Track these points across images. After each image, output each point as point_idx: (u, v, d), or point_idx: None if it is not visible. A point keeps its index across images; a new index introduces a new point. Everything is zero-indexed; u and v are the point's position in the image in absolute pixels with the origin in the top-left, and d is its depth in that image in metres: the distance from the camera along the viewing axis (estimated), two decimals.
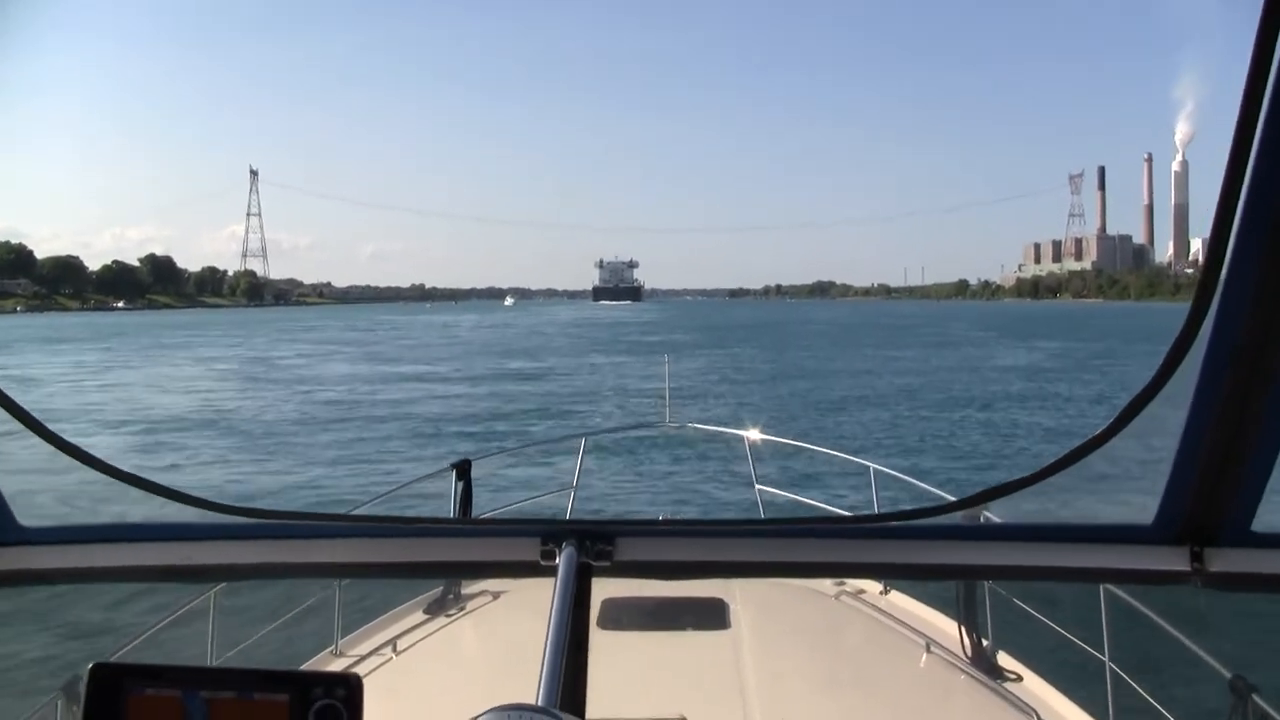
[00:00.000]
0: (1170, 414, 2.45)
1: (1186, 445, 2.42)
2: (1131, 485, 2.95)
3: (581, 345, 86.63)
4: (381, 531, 3.01)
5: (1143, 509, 2.61)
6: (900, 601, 6.49)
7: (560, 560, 2.64)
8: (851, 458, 8.95)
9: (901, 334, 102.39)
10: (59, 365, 62.59)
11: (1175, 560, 2.56)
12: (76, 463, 2.89)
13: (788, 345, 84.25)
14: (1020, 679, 5.46)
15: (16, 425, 2.73)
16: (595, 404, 42.90)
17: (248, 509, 3.18)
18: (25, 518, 2.80)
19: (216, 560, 2.92)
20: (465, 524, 4.30)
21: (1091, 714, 5.07)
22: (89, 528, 2.92)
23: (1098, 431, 2.58)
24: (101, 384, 52.90)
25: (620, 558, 2.72)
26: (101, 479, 2.93)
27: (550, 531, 2.75)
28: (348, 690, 1.88)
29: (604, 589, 5.75)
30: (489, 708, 1.85)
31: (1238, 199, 2.03)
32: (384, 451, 30.97)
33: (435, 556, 2.97)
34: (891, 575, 5.49)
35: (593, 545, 2.69)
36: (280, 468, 28.42)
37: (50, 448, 2.81)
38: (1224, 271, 2.14)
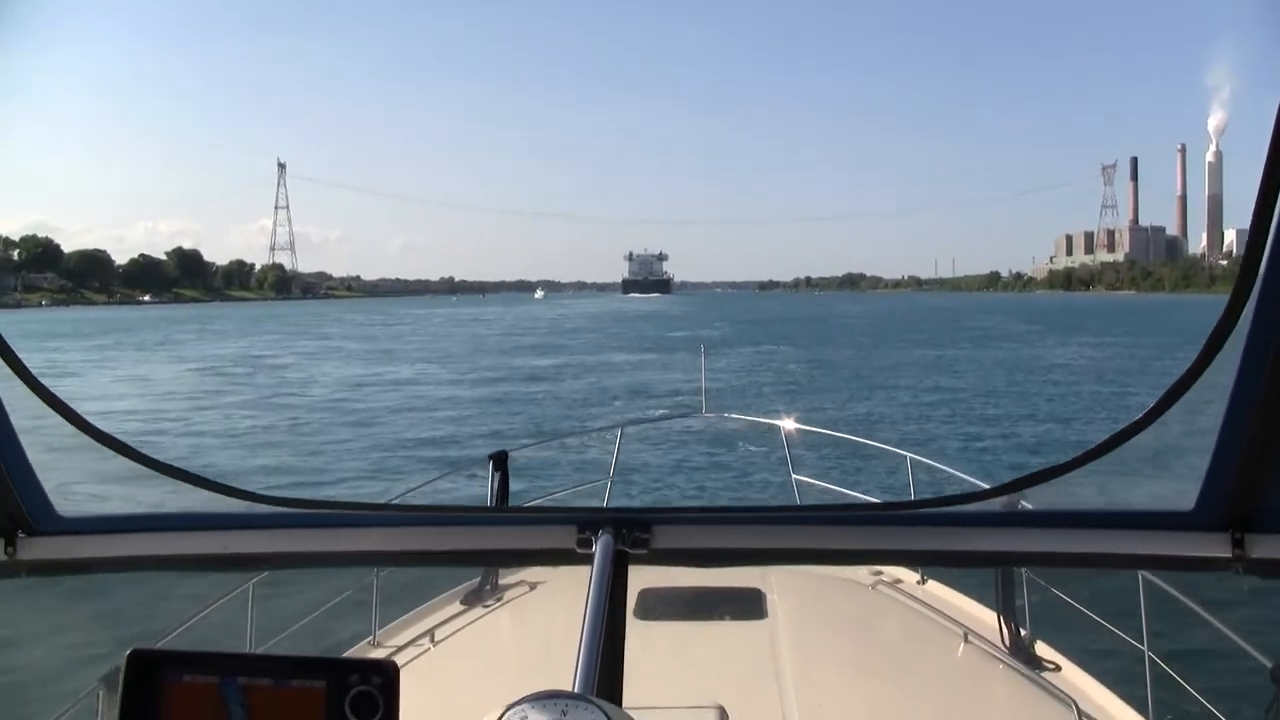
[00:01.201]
0: (1211, 400, 2.44)
1: (1228, 431, 2.41)
2: (1172, 472, 2.93)
3: (602, 342, 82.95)
4: (418, 520, 3.04)
5: (1183, 496, 2.60)
6: (937, 591, 6.47)
7: (597, 548, 2.66)
8: (888, 447, 8.94)
9: (942, 328, 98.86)
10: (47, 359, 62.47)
11: (1216, 546, 2.55)
12: (113, 453, 2.92)
13: (825, 341, 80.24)
14: (1059, 669, 5.42)
15: (53, 415, 2.77)
16: (621, 404, 42.23)
17: (285, 499, 3.22)
18: (64, 508, 2.84)
19: (255, 549, 2.96)
20: (501, 512, 4.32)
21: (1130, 704, 5.04)
22: (128, 517, 2.96)
23: (1137, 418, 2.57)
24: (108, 376, 53.20)
25: (657, 545, 2.74)
26: (139, 469, 2.97)
27: (587, 519, 2.76)
28: (384, 678, 1.89)
29: (641, 578, 5.77)
30: (524, 695, 1.88)
31: (1279, 185, 2.02)
32: (411, 447, 31.06)
33: (472, 545, 3.00)
34: (927, 562, 5.46)
35: (629, 533, 2.71)
36: (301, 462, 28.64)
37: (87, 438, 2.86)
38: (1265, 256, 2.13)
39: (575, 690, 2.14)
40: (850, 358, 62.46)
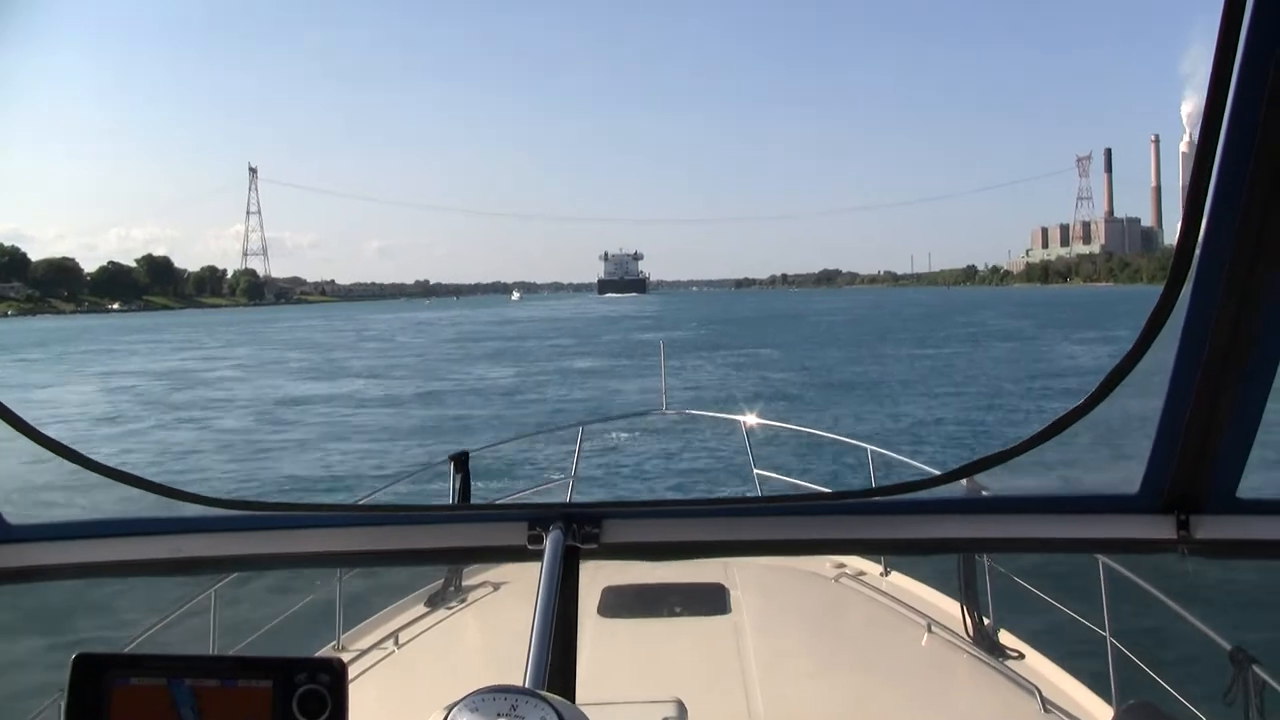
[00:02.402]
0: (1152, 383, 2.45)
1: (1169, 414, 2.43)
2: (1122, 454, 2.94)
3: (568, 349, 73.75)
4: (377, 520, 3.03)
5: (1129, 480, 2.62)
6: (900, 582, 6.50)
7: (547, 543, 2.66)
8: (849, 440, 8.94)
9: (927, 325, 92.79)
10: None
11: (1162, 529, 2.58)
12: (64, 460, 2.89)
13: (805, 343, 73.09)
14: (1022, 656, 5.46)
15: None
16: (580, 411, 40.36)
17: (239, 501, 3.19)
18: (14, 516, 2.81)
19: (210, 553, 2.93)
20: (458, 510, 4.32)
21: (1093, 689, 5.07)
22: (77, 524, 2.92)
23: (1080, 402, 2.58)
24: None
25: (607, 540, 2.74)
26: (91, 476, 2.93)
27: (538, 516, 2.77)
28: (331, 675, 1.87)
29: (604, 575, 5.79)
30: (477, 688, 1.87)
31: (1210, 171, 2.07)
32: (375, 449, 30.87)
33: (430, 543, 2.98)
34: (889, 550, 5.49)
35: (580, 528, 2.71)
36: (258, 466, 28.39)
37: (36, 446, 2.82)
38: (1200, 240, 2.15)
39: (526, 685, 2.13)
40: (831, 361, 57.60)
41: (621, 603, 5.45)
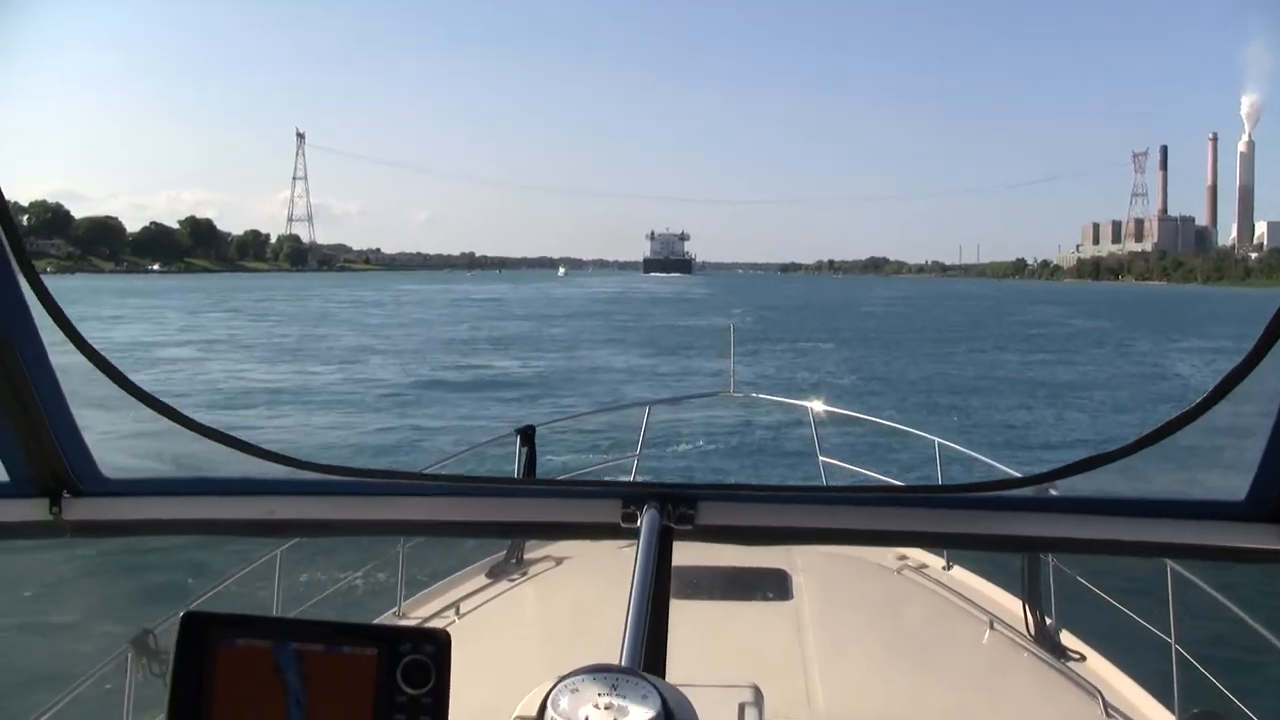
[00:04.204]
0: (1263, 393, 2.41)
1: None
2: (1220, 463, 2.89)
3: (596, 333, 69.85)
4: (458, 491, 3.04)
5: (1229, 488, 2.57)
6: (963, 577, 6.45)
7: (643, 522, 2.65)
8: (917, 432, 8.86)
9: (992, 321, 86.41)
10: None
11: (1267, 538, 2.52)
12: (157, 415, 2.94)
13: (866, 340, 66.75)
14: (1084, 658, 5.40)
15: (98, 376, 2.79)
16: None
17: (322, 465, 3.22)
18: (108, 469, 2.86)
19: (295, 515, 2.96)
20: (542, 484, 4.32)
21: (1156, 696, 5.02)
22: (171, 480, 2.98)
23: (1189, 407, 2.54)
24: None
25: (701, 522, 2.72)
26: (178, 431, 2.98)
27: (632, 494, 2.76)
28: (436, 646, 1.87)
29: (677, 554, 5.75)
30: (578, 667, 1.87)
31: None
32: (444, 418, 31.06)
33: (511, 516, 2.99)
34: (957, 545, 5.44)
35: (674, 508, 2.70)
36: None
37: (132, 399, 2.87)
38: None
39: (623, 665, 2.14)
40: (898, 364, 51.47)
41: (690, 583, 5.46)
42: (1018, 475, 4.70)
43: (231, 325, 67.99)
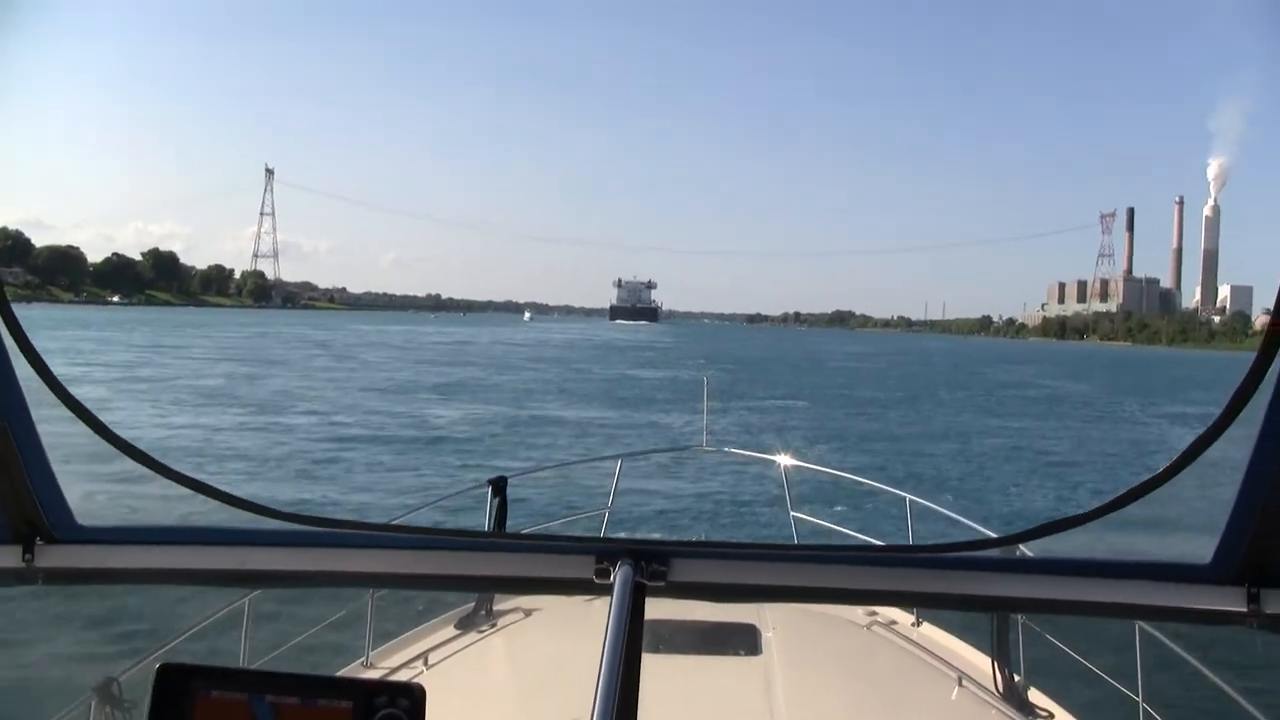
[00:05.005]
0: (1231, 457, 2.46)
1: (1249, 486, 2.44)
2: (1187, 525, 2.94)
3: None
4: (430, 544, 3.02)
5: (1197, 551, 2.61)
6: (933, 634, 6.46)
7: (616, 579, 2.65)
8: (887, 488, 8.92)
9: (963, 380, 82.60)
10: None
11: (1232, 600, 2.56)
12: (136, 463, 2.92)
13: (837, 398, 63.49)
14: (1052, 716, 5.42)
15: (74, 422, 2.77)
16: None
17: (295, 515, 3.20)
18: (83, 515, 2.83)
19: (269, 566, 2.94)
20: (514, 538, 4.31)
21: None
22: (146, 529, 2.94)
23: (1157, 472, 2.58)
24: None
25: (674, 578, 2.73)
26: (150, 475, 2.96)
27: (605, 550, 2.75)
28: (411, 701, 1.89)
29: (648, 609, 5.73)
30: None
31: None
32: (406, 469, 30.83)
33: (483, 570, 2.98)
34: (927, 604, 5.46)
35: (648, 565, 2.70)
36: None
37: (107, 445, 2.85)
38: None
39: None
40: (868, 421, 50.28)
41: (661, 638, 5.44)
42: (989, 535, 4.74)
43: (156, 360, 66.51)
